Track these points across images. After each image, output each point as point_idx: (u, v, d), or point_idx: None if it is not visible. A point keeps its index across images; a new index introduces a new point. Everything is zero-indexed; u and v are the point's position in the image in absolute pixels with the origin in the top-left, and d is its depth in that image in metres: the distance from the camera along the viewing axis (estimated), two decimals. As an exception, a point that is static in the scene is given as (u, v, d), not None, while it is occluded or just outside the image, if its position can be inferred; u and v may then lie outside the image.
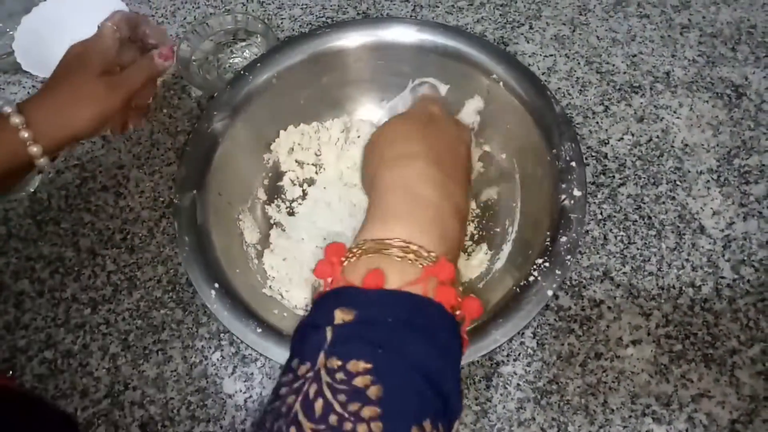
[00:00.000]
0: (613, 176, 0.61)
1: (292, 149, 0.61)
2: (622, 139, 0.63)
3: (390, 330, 0.28)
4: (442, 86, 0.59)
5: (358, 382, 0.26)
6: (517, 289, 0.47)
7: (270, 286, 0.54)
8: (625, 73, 0.67)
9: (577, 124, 0.64)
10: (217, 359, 0.54)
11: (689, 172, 0.61)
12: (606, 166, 0.61)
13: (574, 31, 0.70)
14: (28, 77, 0.70)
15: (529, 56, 0.68)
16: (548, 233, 0.49)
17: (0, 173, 0.42)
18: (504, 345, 0.53)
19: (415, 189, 0.34)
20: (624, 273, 0.56)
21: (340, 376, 0.26)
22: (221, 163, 0.55)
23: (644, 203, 0.59)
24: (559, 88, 0.66)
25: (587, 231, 0.58)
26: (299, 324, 0.31)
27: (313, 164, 0.61)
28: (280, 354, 0.45)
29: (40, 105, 0.43)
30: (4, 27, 0.72)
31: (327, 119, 0.62)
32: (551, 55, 0.68)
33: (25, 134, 0.42)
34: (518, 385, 0.52)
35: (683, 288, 0.55)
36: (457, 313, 0.31)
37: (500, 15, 0.71)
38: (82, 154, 0.64)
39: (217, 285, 0.48)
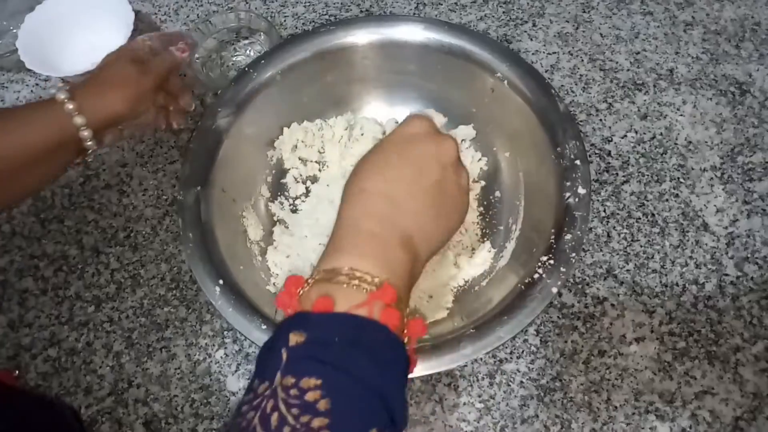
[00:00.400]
0: (617, 174, 0.61)
1: (296, 146, 0.61)
2: (625, 136, 0.63)
3: (337, 349, 0.31)
4: (440, 117, 0.58)
5: (309, 396, 0.29)
6: (522, 287, 0.47)
7: (274, 283, 0.54)
8: (628, 70, 0.67)
9: (581, 121, 0.64)
10: (221, 357, 0.54)
11: (693, 169, 0.61)
12: (609, 163, 0.61)
13: (577, 28, 0.70)
14: (31, 75, 0.70)
15: (533, 54, 0.68)
16: (553, 231, 0.49)
17: (46, 146, 0.46)
18: (507, 342, 0.53)
19: (361, 224, 0.37)
20: (627, 270, 0.56)
21: (294, 392, 0.29)
22: (225, 160, 0.55)
23: (648, 201, 0.59)
24: (562, 86, 0.66)
25: (591, 228, 0.58)
26: (261, 348, 0.34)
27: (316, 161, 0.61)
28: None
29: (86, 92, 0.48)
30: (7, 26, 0.72)
31: (331, 117, 0.62)
32: (554, 53, 0.68)
33: (79, 120, 0.47)
34: (521, 382, 0.52)
35: (687, 285, 0.55)
36: (404, 332, 0.34)
37: (503, 12, 0.71)
38: (85, 152, 0.64)
39: (221, 282, 0.48)
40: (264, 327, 0.46)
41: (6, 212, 0.61)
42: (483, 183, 0.60)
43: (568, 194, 0.49)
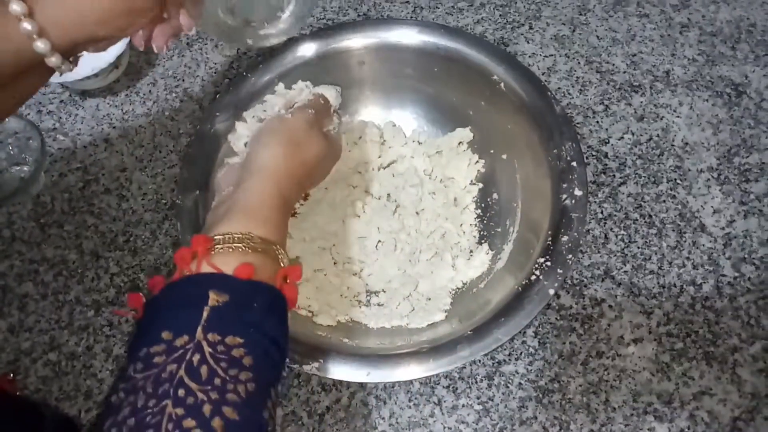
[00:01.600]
0: (614, 175, 0.61)
1: None
2: (622, 138, 0.63)
3: (257, 312, 0.35)
4: (334, 91, 0.57)
5: (235, 353, 0.32)
6: (519, 288, 0.47)
7: None
8: (625, 72, 0.67)
9: (578, 123, 0.64)
10: (220, 360, 0.54)
11: (689, 170, 0.61)
12: (606, 165, 0.62)
13: (573, 31, 0.70)
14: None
15: (530, 56, 0.68)
16: (549, 232, 0.49)
17: (6, 74, 0.35)
18: (506, 344, 0.53)
19: (266, 196, 0.42)
20: (625, 272, 0.56)
21: (220, 348, 0.32)
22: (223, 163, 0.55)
23: (645, 202, 0.59)
24: (559, 88, 0.66)
25: (588, 230, 0.58)
26: (158, 300, 0.36)
27: None
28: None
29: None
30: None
31: None
32: (551, 55, 0.68)
33: (27, 26, 0.34)
34: (520, 384, 0.52)
35: (684, 286, 0.55)
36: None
37: (500, 15, 0.72)
38: (85, 157, 0.64)
39: None
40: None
41: (6, 217, 0.61)
42: (481, 185, 0.60)
43: (564, 196, 0.49)
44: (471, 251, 0.57)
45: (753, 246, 0.57)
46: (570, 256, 0.47)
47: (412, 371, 0.46)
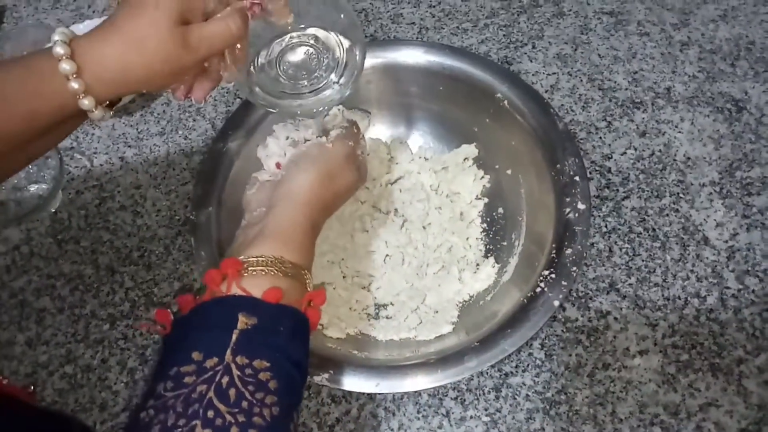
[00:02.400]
0: (617, 190, 0.62)
1: None
2: (625, 153, 0.64)
3: (282, 336, 0.36)
4: (366, 117, 0.59)
5: (261, 376, 0.33)
6: (525, 300, 0.48)
7: None
8: (626, 89, 0.69)
9: (581, 139, 0.65)
10: (232, 372, 0.55)
11: (692, 184, 0.62)
12: (610, 180, 0.63)
13: (576, 49, 0.72)
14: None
15: (533, 74, 0.70)
16: (554, 246, 0.50)
17: (49, 124, 0.36)
18: (513, 356, 0.54)
19: (298, 223, 0.44)
20: (630, 284, 0.57)
21: (248, 371, 0.33)
22: (236, 180, 0.57)
23: (648, 216, 0.60)
24: (562, 105, 0.68)
25: (592, 243, 0.59)
26: (188, 319, 0.37)
27: None
28: None
29: (97, 44, 0.35)
30: (27, 55, 0.75)
31: None
32: (554, 73, 0.70)
33: (75, 85, 0.34)
34: (527, 395, 0.53)
35: (689, 298, 0.56)
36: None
37: (504, 35, 0.74)
38: (101, 175, 0.66)
39: None
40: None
41: (25, 233, 0.63)
42: (486, 200, 0.61)
43: (568, 209, 0.51)
44: (477, 264, 0.58)
45: (756, 259, 0.58)
46: (574, 268, 0.48)
47: (420, 382, 0.46)
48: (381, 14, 0.76)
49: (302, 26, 0.44)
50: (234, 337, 0.34)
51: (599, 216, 0.61)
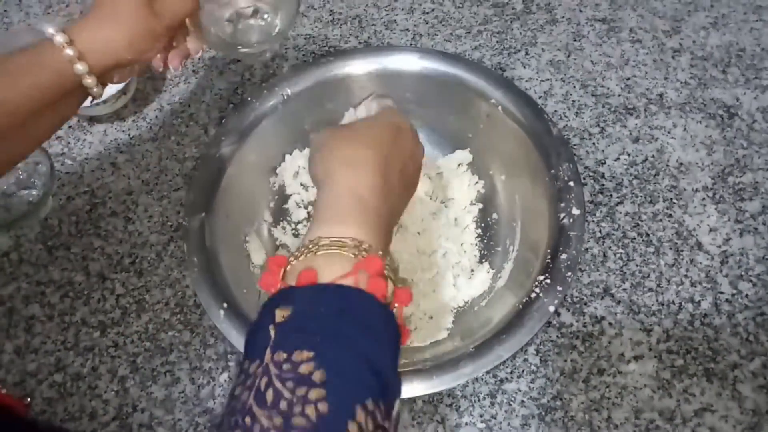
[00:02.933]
0: (611, 195, 0.62)
1: (297, 173, 0.63)
2: (618, 159, 0.64)
3: (325, 319, 0.31)
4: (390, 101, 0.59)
5: (303, 369, 0.28)
6: (520, 306, 0.48)
7: None
8: (619, 95, 0.69)
9: (575, 145, 0.65)
10: (225, 380, 0.54)
11: (685, 190, 0.62)
12: (603, 185, 0.63)
13: (569, 56, 0.72)
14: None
15: (526, 81, 0.70)
16: (548, 251, 0.50)
17: (51, 96, 0.41)
18: (508, 362, 0.54)
19: (365, 197, 0.39)
20: (624, 289, 0.57)
21: (287, 366, 0.29)
22: (228, 186, 0.57)
23: (642, 221, 0.61)
24: (555, 111, 0.68)
25: (587, 249, 0.59)
26: (248, 330, 0.34)
27: None
28: None
29: (84, 25, 0.42)
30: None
31: None
32: (547, 80, 0.70)
33: (70, 52, 0.41)
34: (522, 401, 0.52)
35: (683, 303, 0.56)
36: (392, 302, 0.35)
37: (497, 42, 0.74)
38: (92, 181, 0.66)
39: (225, 305, 0.49)
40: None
41: (14, 240, 0.62)
42: (481, 206, 0.61)
43: (562, 215, 0.51)
44: (472, 270, 0.58)
45: (749, 263, 0.58)
46: (569, 273, 0.48)
47: (416, 389, 0.46)
48: (375, 21, 0.77)
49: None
50: (272, 333, 0.30)
51: (593, 221, 0.61)
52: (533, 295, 0.48)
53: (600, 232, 0.60)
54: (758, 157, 0.64)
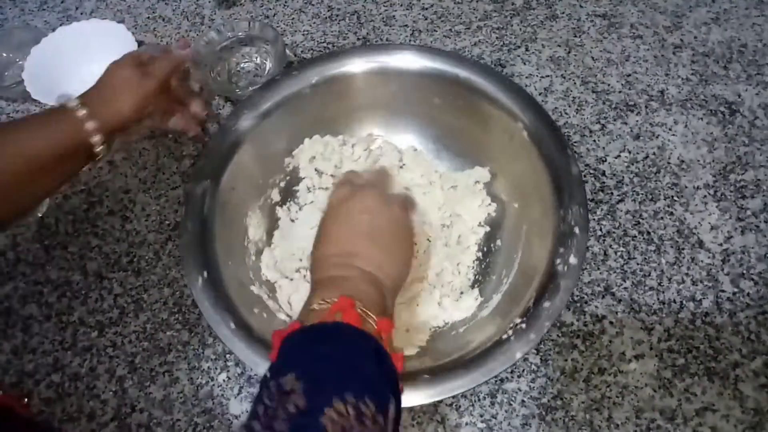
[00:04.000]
0: (612, 193, 0.62)
1: (314, 157, 0.63)
2: (619, 156, 0.64)
3: (305, 348, 0.36)
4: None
5: (287, 386, 0.33)
6: (489, 344, 0.47)
7: (260, 284, 0.56)
8: (620, 92, 0.68)
9: (575, 142, 0.65)
10: (223, 380, 0.54)
11: (686, 187, 0.62)
12: (604, 183, 0.62)
13: (569, 52, 0.72)
14: (37, 105, 0.72)
15: (526, 77, 0.70)
16: (534, 295, 0.48)
17: (61, 151, 0.47)
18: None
19: (329, 274, 0.43)
20: (625, 288, 0.57)
21: (274, 388, 0.33)
22: (241, 160, 0.57)
23: (643, 219, 0.60)
24: (555, 108, 0.67)
25: (588, 247, 0.59)
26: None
27: (331, 175, 0.63)
28: (247, 354, 0.47)
29: (94, 97, 0.50)
30: (14, 57, 0.74)
31: (354, 135, 0.64)
32: (547, 76, 0.70)
33: (91, 125, 0.48)
34: (523, 401, 0.52)
35: (684, 302, 0.56)
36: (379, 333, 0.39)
37: (497, 38, 0.73)
38: (89, 180, 0.65)
39: (206, 274, 0.49)
40: (233, 327, 0.48)
41: (10, 239, 0.62)
42: (488, 229, 0.59)
43: (559, 261, 0.48)
44: (461, 293, 0.56)
45: (751, 262, 0.57)
46: (547, 323, 0.46)
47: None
48: (373, 16, 0.76)
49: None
50: (268, 374, 0.35)
51: (594, 219, 0.60)
52: (504, 336, 0.46)
53: (601, 230, 0.60)
54: (760, 154, 0.63)
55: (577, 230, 0.49)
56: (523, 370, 0.53)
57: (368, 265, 0.42)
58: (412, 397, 0.45)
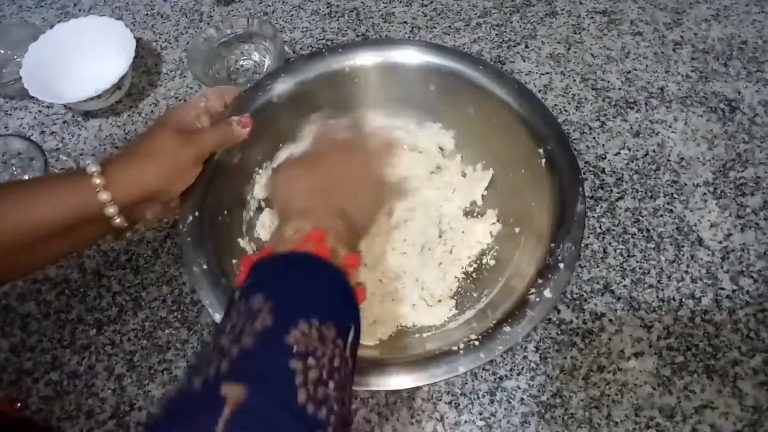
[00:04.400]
0: (611, 190, 0.62)
1: None
2: (618, 153, 0.64)
3: (276, 273, 0.37)
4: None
5: (255, 305, 0.34)
6: (437, 351, 0.46)
7: (249, 240, 0.57)
8: (620, 89, 0.68)
9: (575, 139, 0.65)
10: (222, 378, 0.54)
11: (686, 185, 0.62)
12: (604, 180, 0.62)
13: (569, 49, 0.71)
14: (35, 102, 0.72)
15: (526, 74, 0.70)
16: (498, 318, 0.47)
17: (72, 219, 0.43)
18: (507, 359, 0.53)
19: (296, 205, 0.44)
20: (624, 286, 0.57)
21: (243, 307, 0.34)
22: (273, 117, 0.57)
23: (642, 216, 0.60)
24: (555, 105, 0.67)
25: (587, 245, 0.59)
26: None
27: None
28: (212, 297, 0.47)
29: (118, 163, 0.45)
30: (11, 54, 0.74)
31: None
32: (547, 73, 0.70)
33: (104, 196, 0.43)
34: (522, 399, 0.52)
35: (683, 300, 0.56)
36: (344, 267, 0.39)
37: (496, 35, 0.73)
38: (87, 177, 0.65)
39: (197, 213, 0.50)
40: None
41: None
42: (485, 246, 0.58)
43: (533, 291, 0.47)
44: (439, 300, 0.55)
45: (750, 259, 0.57)
46: (500, 347, 0.45)
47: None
48: (373, 13, 0.76)
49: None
50: (236, 296, 0.36)
51: (593, 217, 0.60)
52: (455, 347, 0.45)
53: (600, 227, 0.60)
54: (760, 151, 0.63)
55: (561, 266, 0.47)
56: (522, 368, 0.53)
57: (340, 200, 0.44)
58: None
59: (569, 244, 0.49)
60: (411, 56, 0.59)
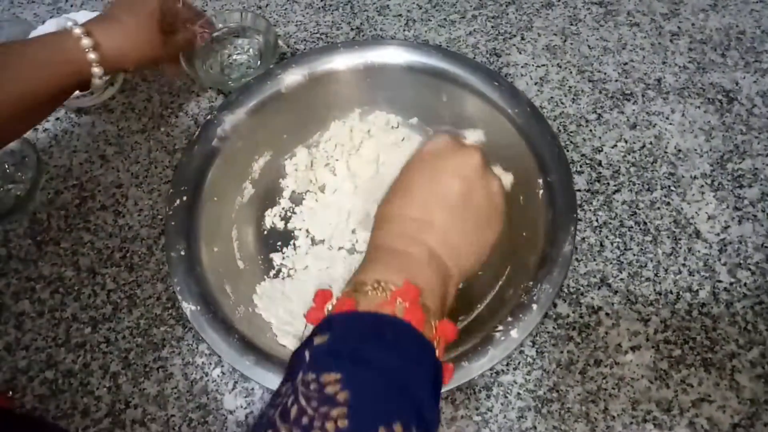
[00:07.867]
0: (608, 183, 0.61)
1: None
2: (615, 146, 0.63)
3: (358, 344, 0.31)
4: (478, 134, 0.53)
5: (329, 389, 0.29)
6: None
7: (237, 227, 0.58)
8: (616, 81, 0.68)
9: (571, 132, 0.64)
10: (218, 375, 0.54)
11: (683, 177, 0.61)
12: (600, 173, 0.62)
13: (565, 41, 0.71)
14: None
15: (522, 66, 0.69)
16: (459, 351, 0.46)
17: (60, 89, 0.48)
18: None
19: (387, 244, 0.38)
20: (621, 279, 0.56)
21: (313, 386, 0.29)
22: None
23: (639, 209, 0.60)
24: (551, 98, 0.67)
25: (584, 238, 0.58)
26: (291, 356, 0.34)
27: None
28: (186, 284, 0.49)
29: (107, 32, 0.49)
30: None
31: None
32: (543, 65, 0.69)
33: (93, 56, 0.48)
34: (519, 394, 0.52)
35: (681, 293, 0.55)
36: (434, 334, 0.34)
37: (492, 27, 0.72)
38: (80, 174, 0.65)
39: (185, 198, 0.52)
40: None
41: (2, 235, 0.61)
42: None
43: (500, 329, 0.46)
44: None
45: (748, 251, 0.57)
46: (464, 362, 0.45)
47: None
48: (367, 6, 0.75)
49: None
50: (307, 358, 0.31)
51: (590, 210, 0.60)
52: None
53: (597, 221, 0.59)
54: (758, 142, 0.63)
55: (534, 307, 0.46)
56: (519, 363, 0.53)
57: (440, 246, 0.37)
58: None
59: (547, 286, 0.47)
60: (427, 63, 0.58)
